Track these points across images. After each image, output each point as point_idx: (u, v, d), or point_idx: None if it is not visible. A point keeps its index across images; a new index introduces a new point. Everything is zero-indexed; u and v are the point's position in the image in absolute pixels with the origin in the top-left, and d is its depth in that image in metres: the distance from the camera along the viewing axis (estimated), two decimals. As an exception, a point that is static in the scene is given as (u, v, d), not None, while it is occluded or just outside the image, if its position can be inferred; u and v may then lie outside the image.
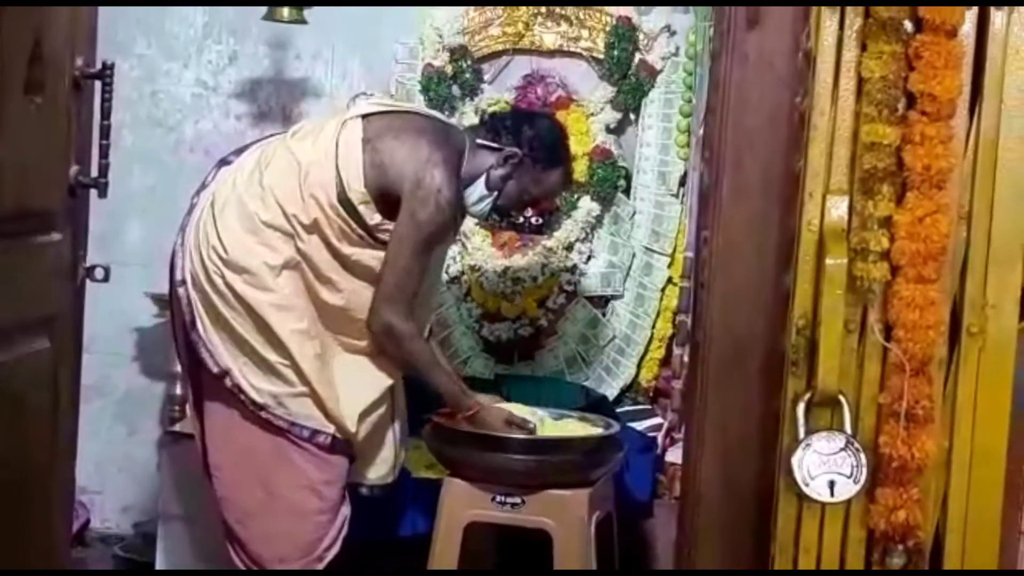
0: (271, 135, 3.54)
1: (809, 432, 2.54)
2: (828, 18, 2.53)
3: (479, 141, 3.36)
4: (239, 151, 3.45)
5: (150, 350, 4.44)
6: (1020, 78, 2.53)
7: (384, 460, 3.42)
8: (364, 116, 3.32)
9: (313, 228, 3.23)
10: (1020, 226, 2.55)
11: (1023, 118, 2.53)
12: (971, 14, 2.52)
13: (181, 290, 3.28)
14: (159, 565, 3.83)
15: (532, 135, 3.36)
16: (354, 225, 3.23)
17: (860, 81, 2.53)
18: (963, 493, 2.58)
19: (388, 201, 3.23)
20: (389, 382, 3.36)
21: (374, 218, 3.24)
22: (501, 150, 3.34)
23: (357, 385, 3.32)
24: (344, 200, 3.22)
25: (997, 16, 2.52)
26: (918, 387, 2.52)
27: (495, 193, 3.36)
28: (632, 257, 4.27)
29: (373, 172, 3.22)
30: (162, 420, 4.36)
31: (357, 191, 3.22)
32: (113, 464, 4.52)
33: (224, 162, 3.42)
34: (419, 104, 4.17)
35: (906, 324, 2.50)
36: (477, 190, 3.35)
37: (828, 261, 2.51)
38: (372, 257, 3.25)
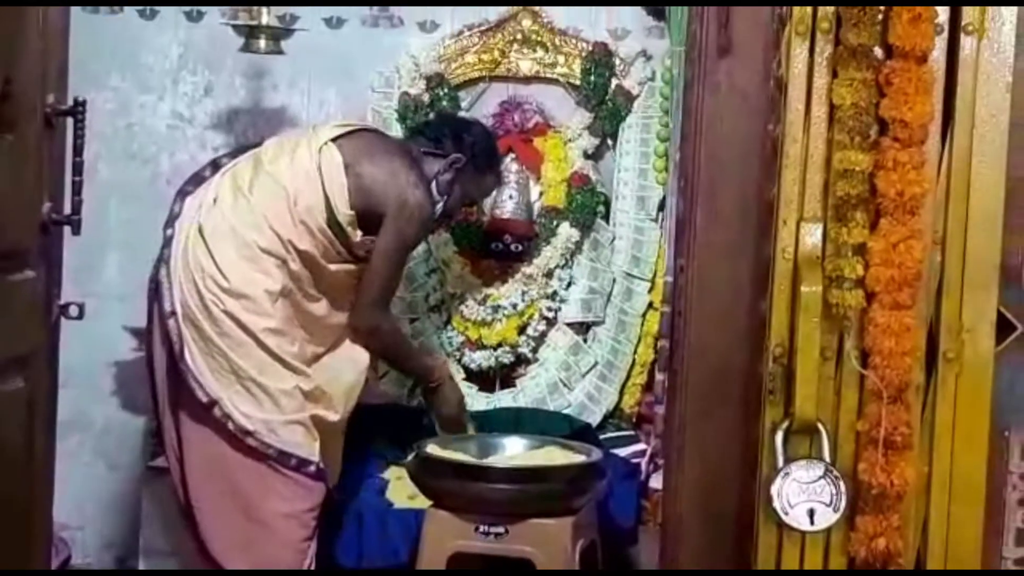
0: (220, 158, 3.59)
1: (788, 460, 2.54)
2: (798, 45, 2.54)
3: (424, 150, 3.59)
4: (196, 180, 3.51)
5: (129, 384, 4.41)
6: (991, 103, 2.54)
7: (333, 472, 3.52)
8: (334, 139, 3.46)
9: (304, 251, 3.37)
10: (994, 250, 2.56)
11: (995, 142, 2.54)
12: (941, 40, 2.53)
13: (171, 321, 3.32)
14: (142, 600, 3.82)
15: (471, 140, 3.62)
16: (339, 244, 3.41)
17: (832, 108, 2.54)
18: (943, 519, 2.58)
19: (370, 219, 3.42)
20: (365, 362, 3.55)
21: (356, 236, 3.42)
22: (446, 156, 3.58)
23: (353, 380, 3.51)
24: (333, 223, 3.38)
25: (967, 42, 2.53)
26: (896, 414, 2.52)
27: (445, 198, 3.59)
28: (612, 283, 4.26)
29: (358, 195, 3.42)
30: (143, 454, 4.33)
31: (345, 213, 3.39)
32: (94, 500, 4.48)
33: (185, 192, 3.47)
34: (398, 134, 4.16)
35: (882, 351, 2.50)
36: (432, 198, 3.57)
37: (803, 288, 2.51)
38: (347, 271, 3.46)
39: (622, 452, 4.05)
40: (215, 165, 3.53)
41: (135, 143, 4.49)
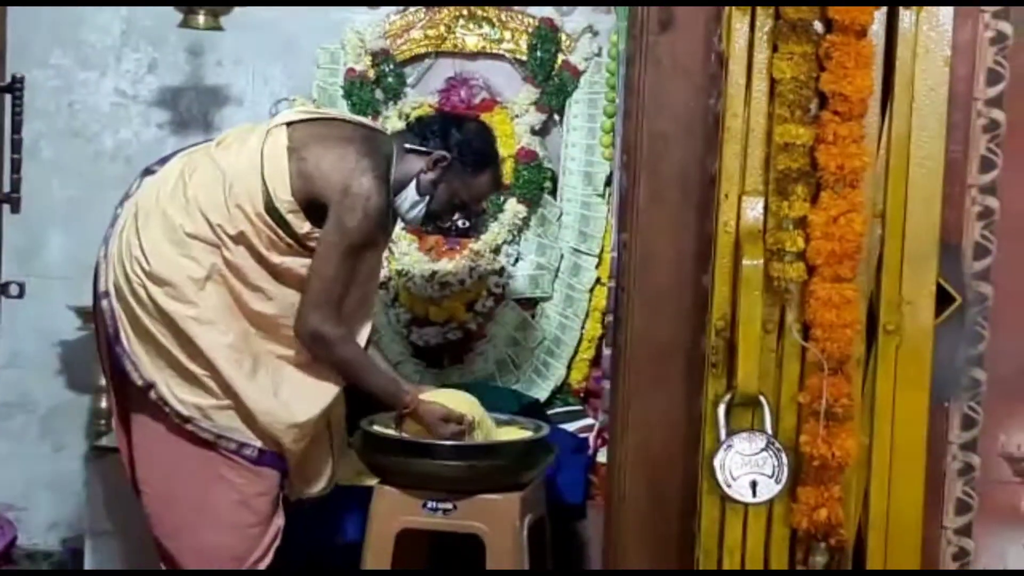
0: (195, 144, 3.50)
1: (730, 433, 2.55)
2: (739, 20, 2.55)
3: (407, 146, 3.34)
4: (163, 160, 3.41)
5: (74, 364, 4.37)
6: (930, 76, 2.55)
7: (321, 474, 3.40)
8: (289, 124, 3.30)
9: (240, 239, 3.20)
10: (934, 223, 2.58)
11: (934, 116, 2.56)
12: (880, 14, 2.54)
13: (104, 302, 3.25)
14: (88, 582, 3.80)
15: (460, 138, 3.35)
16: (282, 234, 3.22)
17: (772, 82, 2.55)
18: (884, 490, 2.60)
19: (316, 209, 3.21)
20: (333, 392, 3.31)
21: (303, 227, 3.22)
22: (430, 154, 3.32)
23: (297, 396, 3.27)
24: (271, 209, 3.20)
25: (906, 15, 2.55)
26: (837, 386, 2.54)
27: (427, 198, 3.34)
28: (560, 258, 4.26)
29: (300, 181, 3.20)
30: (88, 434, 4.30)
31: (284, 200, 3.20)
32: (39, 480, 4.45)
33: (148, 172, 3.38)
34: (343, 110, 4.14)
35: (823, 323, 2.52)
36: (409, 196, 3.33)
37: (745, 262, 2.52)
38: (302, 265, 3.23)
39: (570, 427, 4.06)
40: (184, 150, 3.46)
41: (78, 121, 4.45)
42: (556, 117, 4.32)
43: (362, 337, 3.35)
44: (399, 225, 3.86)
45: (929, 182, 2.56)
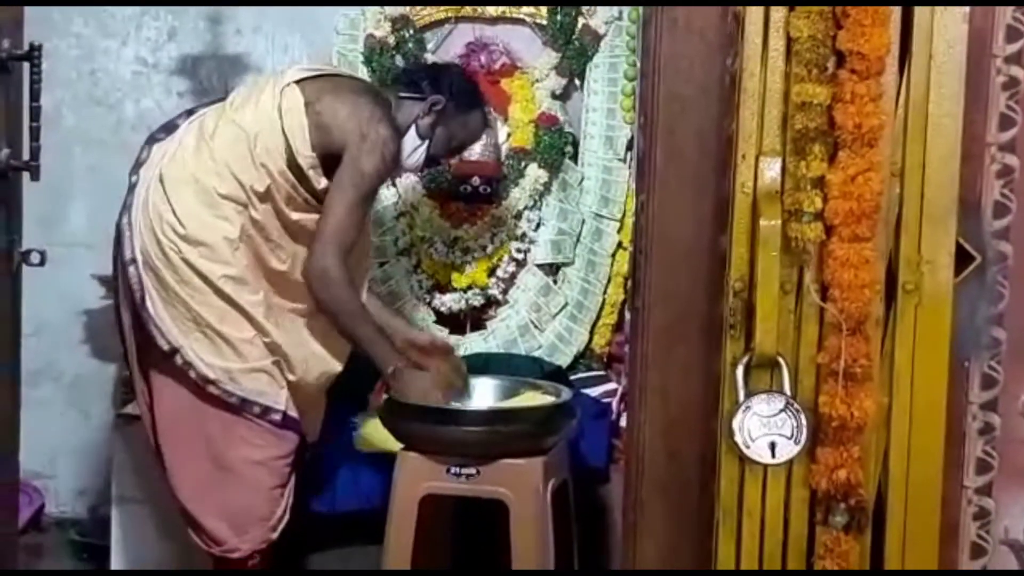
0: (196, 107, 3.54)
1: (749, 395, 2.54)
2: (755, -22, 2.52)
3: (401, 94, 3.46)
4: (167, 127, 3.46)
5: (99, 332, 4.40)
6: (948, 34, 2.52)
7: (316, 420, 3.50)
8: (298, 81, 3.36)
9: (266, 196, 3.28)
10: (952, 181, 2.55)
11: (952, 74, 2.53)
12: (897, -30, 2.51)
13: (132, 268, 3.29)
14: (115, 548, 3.83)
15: (450, 81, 3.49)
16: (302, 190, 3.30)
17: (789, 41, 2.52)
18: (904, 450, 2.59)
19: (332, 162, 3.30)
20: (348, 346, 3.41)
21: (321, 182, 3.30)
22: (425, 99, 3.44)
23: (327, 346, 3.39)
24: (293, 165, 3.28)
25: (924, -29, 2.52)
26: (855, 346, 2.52)
27: (426, 142, 3.46)
28: (582, 223, 4.26)
29: (318, 134, 3.29)
30: (114, 402, 4.33)
31: (306, 156, 3.28)
32: (67, 448, 4.50)
33: (154, 139, 3.43)
34: (364, 77, 4.14)
35: (842, 283, 2.50)
36: (410, 141, 3.44)
37: (762, 223, 2.50)
38: (313, 221, 3.31)
39: (593, 392, 4.06)
40: (189, 113, 3.49)
41: (99, 89, 4.47)
42: (577, 81, 4.31)
43: (359, 288, 3.42)
44: (421, 192, 4.12)
45: (947, 140, 2.53)
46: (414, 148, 3.44)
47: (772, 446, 2.54)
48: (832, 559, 2.58)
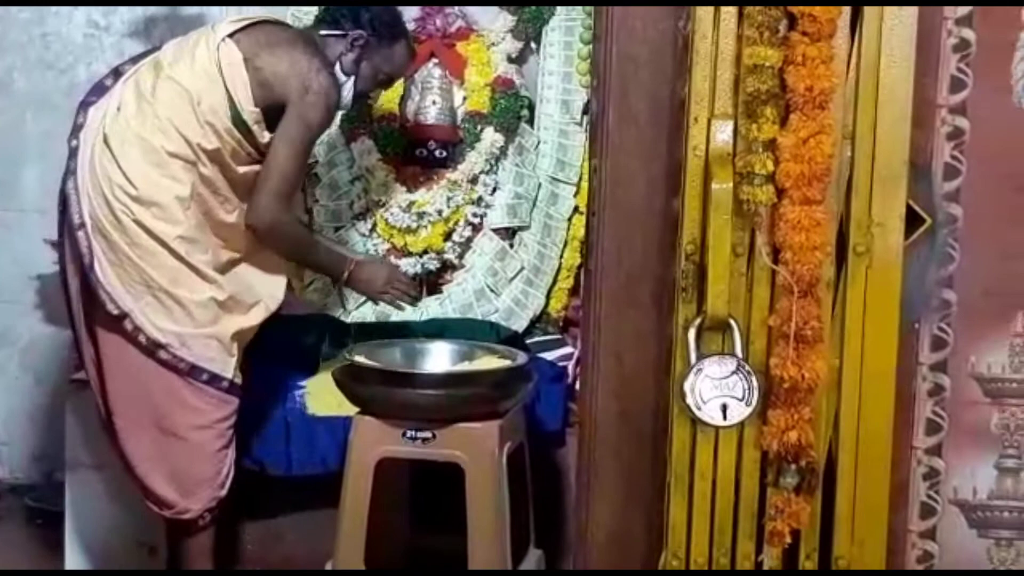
0: (122, 65, 3.51)
1: (701, 357, 2.56)
2: (707, -60, 2.52)
3: (322, 33, 3.50)
4: (98, 89, 3.44)
5: (53, 297, 4.34)
6: (899, -4, 2.53)
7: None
8: (232, 35, 3.38)
9: (215, 154, 3.30)
10: (903, 144, 2.56)
11: (903, 36, 2.53)
12: (849, -68, 2.51)
13: (80, 233, 3.28)
14: (68, 513, 3.80)
15: (369, 16, 3.53)
16: (247, 145, 3.35)
17: (741, 4, 2.52)
18: (854, 411, 2.61)
19: (275, 114, 3.35)
20: (284, 280, 3.55)
21: (264, 136, 3.36)
22: (346, 36, 3.50)
23: (268, 285, 3.49)
24: (239, 122, 3.32)
25: (875, -67, 2.52)
26: (807, 308, 2.53)
27: (352, 78, 3.52)
28: (538, 187, 4.25)
29: (260, 91, 3.35)
30: (67, 368, 4.31)
31: (250, 111, 3.33)
32: (21, 414, 4.47)
33: (87, 103, 3.41)
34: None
35: (793, 246, 2.52)
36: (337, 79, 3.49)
37: (714, 186, 2.51)
38: (256, 173, 3.38)
39: (549, 356, 4.06)
40: (116, 73, 3.46)
41: (51, 53, 4.42)
42: (533, 45, 4.29)
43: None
44: (376, 156, 4.09)
45: (898, 103, 2.55)
46: (340, 85, 3.49)
47: (724, 408, 2.55)
48: (783, 520, 2.60)
